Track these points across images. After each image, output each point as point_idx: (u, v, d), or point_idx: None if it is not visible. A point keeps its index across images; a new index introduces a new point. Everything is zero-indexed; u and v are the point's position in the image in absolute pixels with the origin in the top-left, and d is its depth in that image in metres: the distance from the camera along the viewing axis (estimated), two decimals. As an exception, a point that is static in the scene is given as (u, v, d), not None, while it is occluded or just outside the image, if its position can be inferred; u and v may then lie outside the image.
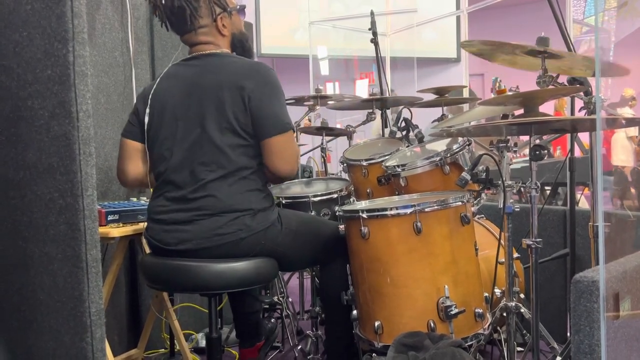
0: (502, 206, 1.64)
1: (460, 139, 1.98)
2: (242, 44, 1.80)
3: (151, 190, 1.75)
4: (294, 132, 1.68)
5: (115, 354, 1.99)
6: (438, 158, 1.90)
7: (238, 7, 1.80)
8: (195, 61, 1.70)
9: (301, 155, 3.28)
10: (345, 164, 2.27)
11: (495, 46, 1.65)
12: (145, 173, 1.77)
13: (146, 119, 1.69)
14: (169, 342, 2.27)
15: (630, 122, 2.23)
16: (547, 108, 1.63)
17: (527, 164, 1.59)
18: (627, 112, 6.69)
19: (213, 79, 1.62)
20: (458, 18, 6.52)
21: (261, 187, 1.67)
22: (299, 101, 2.68)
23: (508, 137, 1.66)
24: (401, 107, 2.46)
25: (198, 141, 1.62)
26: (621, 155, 6.64)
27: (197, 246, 1.59)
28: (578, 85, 1.70)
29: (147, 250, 1.85)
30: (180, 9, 1.66)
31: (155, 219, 1.67)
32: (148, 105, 1.69)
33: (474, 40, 1.65)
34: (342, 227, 1.75)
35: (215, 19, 1.71)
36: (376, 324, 1.58)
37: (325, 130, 2.68)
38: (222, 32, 1.74)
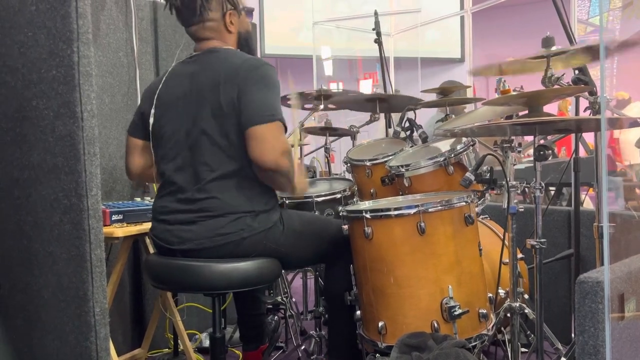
0: (506, 206, 1.63)
1: (464, 139, 1.97)
2: (247, 44, 1.80)
3: (155, 186, 1.76)
4: (285, 127, 1.60)
5: (119, 354, 1.99)
6: (442, 158, 1.90)
7: (246, 8, 1.81)
8: (195, 59, 1.70)
9: (305, 155, 3.29)
10: (348, 164, 2.27)
11: (499, 65, 1.65)
12: (145, 167, 1.78)
13: (151, 120, 1.69)
14: (172, 342, 2.28)
15: None
16: (551, 108, 1.63)
17: (532, 164, 1.58)
18: (635, 107, 6.58)
19: (211, 78, 1.62)
20: (462, 18, 6.52)
21: (264, 188, 1.66)
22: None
23: (512, 138, 1.66)
24: (405, 107, 2.45)
25: (200, 141, 1.62)
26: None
27: (199, 246, 1.59)
28: (582, 85, 1.69)
29: (151, 250, 1.85)
30: None
31: (159, 219, 1.67)
32: (153, 106, 1.69)
33: (478, 66, 1.66)
34: (345, 227, 1.75)
35: (224, 15, 1.71)
36: (380, 324, 1.58)
37: (328, 130, 2.68)
38: (229, 28, 1.73)
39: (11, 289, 1.44)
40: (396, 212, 1.58)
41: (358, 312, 1.71)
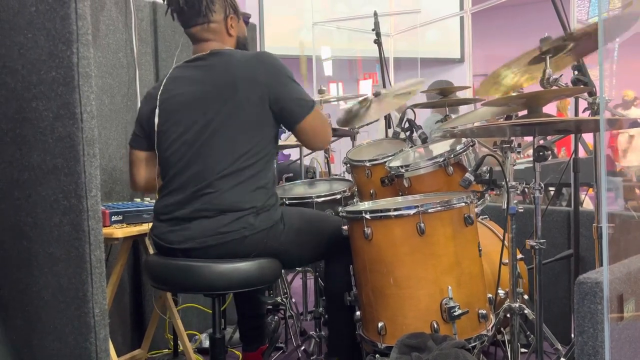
0: (505, 207, 1.63)
1: (463, 139, 1.97)
2: (245, 49, 1.83)
3: (157, 193, 1.76)
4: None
5: (119, 354, 2.00)
6: (441, 159, 1.90)
7: (243, 14, 1.83)
8: (201, 62, 1.70)
9: (304, 156, 3.30)
10: (348, 165, 2.27)
11: (497, 78, 1.64)
12: (150, 179, 1.80)
13: (156, 120, 1.69)
14: (172, 343, 2.28)
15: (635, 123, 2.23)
16: (550, 108, 1.63)
17: (531, 165, 1.58)
18: (634, 112, 6.60)
19: (225, 77, 1.63)
20: (462, 18, 6.52)
21: (266, 185, 1.67)
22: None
23: (512, 138, 1.66)
24: (405, 107, 2.45)
25: (207, 141, 1.62)
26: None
27: (201, 244, 1.60)
28: (582, 86, 1.69)
29: (151, 251, 1.85)
30: None
31: (161, 218, 1.67)
32: (157, 107, 1.69)
33: (480, 88, 1.67)
34: (345, 227, 1.75)
35: (226, 18, 1.73)
36: (379, 324, 1.58)
37: (328, 130, 2.67)
38: (230, 32, 1.76)
39: (11, 290, 1.44)
40: (396, 213, 1.58)
41: (358, 313, 1.72)
